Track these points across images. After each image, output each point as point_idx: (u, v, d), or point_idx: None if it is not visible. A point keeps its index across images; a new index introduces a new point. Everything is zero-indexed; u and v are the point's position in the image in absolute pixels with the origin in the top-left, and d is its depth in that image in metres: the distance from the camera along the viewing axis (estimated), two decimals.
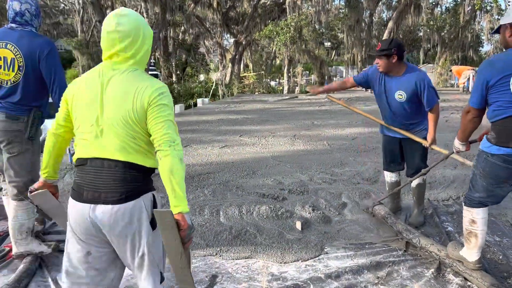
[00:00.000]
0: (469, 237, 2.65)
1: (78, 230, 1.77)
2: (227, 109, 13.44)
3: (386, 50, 3.38)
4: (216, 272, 2.90)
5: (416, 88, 3.40)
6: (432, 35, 27.60)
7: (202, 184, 4.93)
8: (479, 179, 2.56)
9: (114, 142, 1.71)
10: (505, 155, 2.36)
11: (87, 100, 1.75)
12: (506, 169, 2.39)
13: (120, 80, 1.74)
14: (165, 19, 22.82)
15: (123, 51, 1.75)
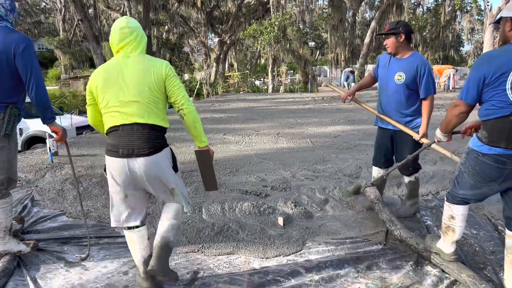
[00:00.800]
0: (446, 231, 2.70)
1: (118, 179, 2.45)
2: (211, 108, 13.41)
3: (394, 29, 3.52)
4: (198, 268, 2.90)
5: (416, 71, 3.44)
6: (414, 35, 28.00)
7: (185, 181, 4.91)
8: (466, 177, 2.52)
9: (140, 109, 2.34)
10: (496, 155, 2.33)
11: (112, 83, 2.35)
12: (497, 169, 2.35)
13: (137, 62, 2.38)
14: (149, 18, 22.65)
15: (134, 40, 2.40)
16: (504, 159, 2.30)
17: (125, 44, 2.38)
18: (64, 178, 5.07)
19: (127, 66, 2.36)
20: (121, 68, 2.36)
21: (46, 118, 2.99)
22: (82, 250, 3.22)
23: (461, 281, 2.60)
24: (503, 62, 2.24)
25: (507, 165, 2.31)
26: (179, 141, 7.62)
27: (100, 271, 2.90)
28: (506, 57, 2.24)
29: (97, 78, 2.39)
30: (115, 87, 2.33)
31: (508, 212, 2.46)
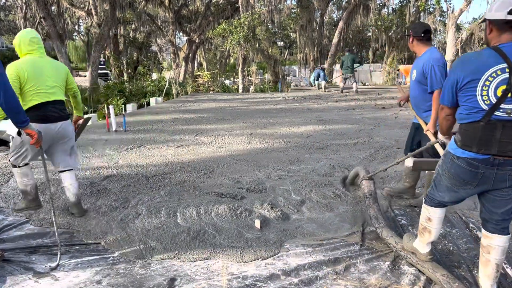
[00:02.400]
0: (423, 232, 2.73)
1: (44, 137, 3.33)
2: (181, 108, 13.23)
3: (406, 34, 3.91)
4: (174, 275, 2.83)
5: (422, 68, 3.65)
6: (380, 35, 28.55)
7: (158, 185, 4.81)
8: (444, 180, 2.53)
9: (59, 92, 3.68)
10: (469, 159, 2.32)
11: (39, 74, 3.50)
12: (470, 172, 2.34)
13: (50, 61, 3.70)
14: (115, 17, 22.13)
15: (41, 46, 3.63)
16: (476, 163, 2.30)
17: (34, 49, 3.55)
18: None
19: (46, 63, 3.60)
20: (43, 64, 3.56)
21: (19, 122, 2.89)
22: (51, 259, 3.08)
23: (435, 280, 2.65)
24: (475, 67, 2.24)
25: (479, 169, 2.30)
26: (150, 142, 7.46)
27: (71, 281, 2.78)
28: (479, 61, 2.24)
29: (27, 69, 3.42)
30: (44, 77, 3.52)
31: (485, 214, 2.48)
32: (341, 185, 4.65)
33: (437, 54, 3.70)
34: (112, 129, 8.98)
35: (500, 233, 2.43)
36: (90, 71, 21.55)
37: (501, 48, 2.19)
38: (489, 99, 2.19)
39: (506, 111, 2.17)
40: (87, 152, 6.72)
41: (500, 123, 2.19)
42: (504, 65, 2.15)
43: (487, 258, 2.47)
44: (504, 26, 2.20)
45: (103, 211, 4.00)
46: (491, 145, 2.22)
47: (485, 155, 2.26)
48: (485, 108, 2.21)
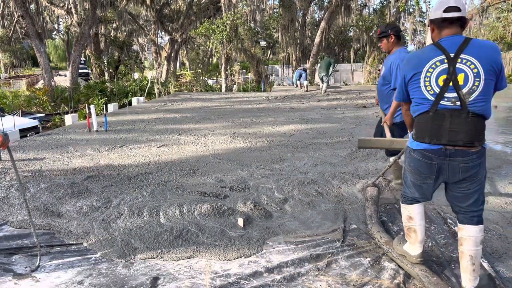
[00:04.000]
0: (409, 233, 2.76)
1: None
2: (164, 108, 13.15)
3: (384, 32, 4.03)
4: (157, 274, 2.83)
5: (390, 65, 3.92)
6: (361, 35, 28.86)
7: (140, 185, 4.79)
8: (408, 175, 2.61)
9: None
10: (423, 150, 2.41)
11: None
12: (425, 164, 2.43)
13: None
14: (96, 15, 21.83)
15: None
16: (430, 155, 2.39)
17: None
18: (9, 184, 4.77)
19: None
20: None
21: None
22: (32, 260, 3.04)
23: (414, 275, 2.71)
24: (417, 61, 2.40)
25: (433, 160, 2.39)
26: (132, 142, 7.41)
27: (53, 281, 2.75)
28: (421, 56, 2.40)
29: None
30: None
31: (453, 208, 2.56)
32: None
33: (405, 54, 3.93)
34: (93, 129, 8.88)
35: (469, 223, 2.48)
36: (70, 70, 21.22)
37: (440, 43, 2.35)
38: (432, 89, 2.32)
39: (450, 100, 2.28)
40: (67, 152, 6.63)
41: (448, 112, 2.29)
42: (442, 56, 2.30)
43: (461, 250, 2.51)
44: (442, 24, 2.36)
45: (85, 212, 3.96)
46: (442, 134, 2.32)
47: (437, 145, 2.35)
48: (430, 98, 2.34)
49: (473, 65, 2.25)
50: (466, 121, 2.26)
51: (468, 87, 2.25)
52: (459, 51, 2.27)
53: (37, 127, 11.88)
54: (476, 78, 2.24)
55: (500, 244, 3.21)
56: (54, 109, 17.80)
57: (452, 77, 2.26)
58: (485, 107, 2.28)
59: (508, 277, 2.74)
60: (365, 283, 2.69)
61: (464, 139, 2.28)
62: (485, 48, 2.28)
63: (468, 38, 2.32)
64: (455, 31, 2.35)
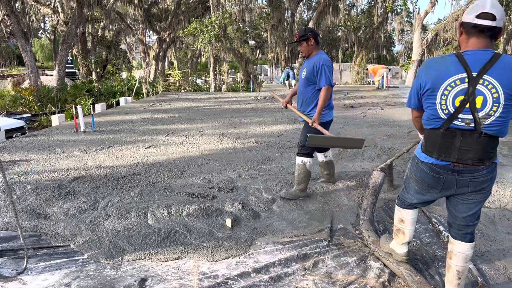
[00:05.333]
0: (397, 233, 2.79)
1: None
2: (152, 108, 13.10)
3: (304, 36, 4.09)
4: (145, 276, 2.84)
5: (313, 67, 4.03)
6: (349, 35, 29.08)
7: (128, 186, 4.78)
8: (411, 182, 2.54)
9: None
10: (431, 164, 2.32)
11: None
12: (433, 177, 2.34)
13: None
14: (83, 14, 21.62)
15: None
16: (437, 169, 2.30)
17: None
18: None
19: None
20: None
21: None
22: (18, 263, 3.02)
23: (398, 274, 2.76)
24: (436, 74, 2.18)
25: (441, 174, 2.30)
26: (119, 143, 7.37)
27: (40, 284, 2.74)
28: (441, 69, 2.18)
29: None
30: None
31: (449, 219, 2.51)
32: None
33: (326, 56, 4.13)
34: (81, 130, 8.82)
35: (461, 239, 2.43)
36: (57, 70, 20.99)
37: (464, 56, 2.13)
38: (447, 108, 2.16)
39: (464, 121, 2.13)
40: (54, 154, 6.58)
41: (460, 131, 2.16)
42: (464, 74, 2.10)
43: (449, 263, 2.49)
44: (472, 30, 2.12)
45: (72, 213, 3.95)
46: (451, 152, 2.20)
47: (445, 161, 2.25)
48: (443, 117, 2.18)
49: (494, 89, 2.06)
50: (477, 141, 2.14)
51: (484, 112, 2.09)
52: (483, 70, 2.07)
53: (23, 128, 11.75)
54: (495, 103, 2.07)
55: (483, 243, 3.28)
56: (41, 109, 17.60)
57: (470, 98, 2.09)
58: (501, 129, 2.15)
59: (490, 275, 2.81)
60: (351, 281, 2.74)
61: (473, 158, 2.17)
62: (510, 71, 2.06)
63: (496, 55, 2.09)
64: (484, 43, 2.11)
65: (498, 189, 4.48)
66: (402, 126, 8.57)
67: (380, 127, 8.70)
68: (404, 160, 5.65)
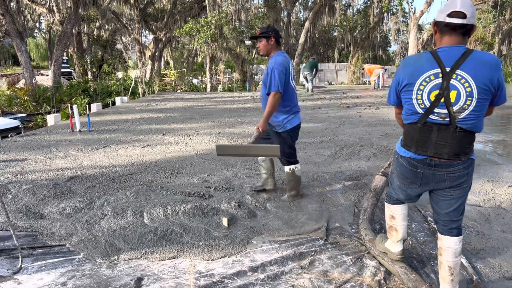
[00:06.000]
0: (390, 231, 2.81)
1: None
2: (148, 108, 13.07)
3: (265, 33, 3.87)
4: (141, 275, 2.83)
5: (267, 70, 3.82)
6: (345, 35, 29.15)
7: (124, 185, 4.77)
8: (394, 178, 2.60)
9: None
10: (410, 158, 2.38)
11: None
12: (411, 171, 2.40)
13: None
14: (78, 14, 21.56)
15: None
16: (415, 163, 2.36)
17: None
18: None
19: None
20: None
21: None
22: (14, 262, 3.01)
23: (394, 272, 2.77)
24: (412, 71, 2.26)
25: (419, 168, 2.35)
26: (115, 143, 7.36)
27: (35, 283, 2.74)
28: (416, 65, 2.26)
29: None
30: None
31: (434, 215, 2.54)
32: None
33: (281, 58, 3.82)
34: (76, 129, 8.79)
35: (448, 234, 2.46)
36: (52, 69, 20.91)
37: (438, 52, 2.20)
38: (423, 103, 2.23)
39: (440, 115, 2.20)
40: (50, 153, 6.56)
41: (436, 126, 2.22)
42: (438, 70, 2.17)
43: (440, 260, 2.51)
44: (444, 28, 2.19)
45: (68, 213, 3.94)
46: (428, 146, 2.27)
47: (422, 155, 2.31)
48: (420, 111, 2.25)
49: (467, 83, 2.13)
50: (453, 136, 2.21)
51: (459, 106, 2.15)
52: (456, 65, 2.14)
53: (19, 128, 11.70)
54: (468, 97, 2.13)
55: (478, 241, 3.30)
56: (36, 109, 17.53)
57: (445, 93, 2.16)
58: (475, 124, 2.20)
59: (485, 273, 2.83)
60: (347, 280, 2.75)
61: (449, 153, 2.24)
62: (483, 65, 2.13)
63: (468, 50, 2.17)
64: (456, 40, 2.18)
65: (493, 188, 4.50)
66: (398, 126, 8.58)
67: (376, 126, 8.73)
68: None
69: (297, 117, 4.00)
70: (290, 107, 3.91)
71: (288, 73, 3.81)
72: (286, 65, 3.79)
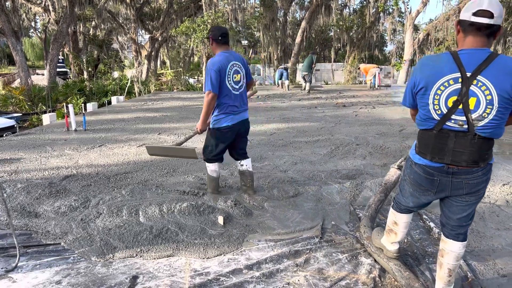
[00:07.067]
0: (389, 233, 2.79)
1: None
2: (144, 107, 13.05)
3: (207, 36, 3.86)
4: (137, 273, 2.83)
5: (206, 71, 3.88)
6: (341, 35, 29.19)
7: (119, 184, 4.76)
8: (406, 185, 2.49)
9: None
10: (425, 166, 2.27)
11: None
12: (426, 180, 2.29)
13: None
14: (74, 13, 21.48)
15: None
16: (431, 171, 2.25)
17: None
18: None
19: None
20: None
21: None
22: (8, 261, 3.00)
23: (388, 269, 2.78)
24: (430, 73, 2.12)
25: (435, 176, 2.25)
26: (111, 142, 7.34)
27: (30, 282, 2.73)
28: (435, 67, 2.12)
29: None
30: None
31: (443, 219, 2.46)
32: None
33: (217, 58, 3.85)
34: (72, 129, 8.76)
35: (454, 239, 2.41)
36: (48, 69, 20.83)
37: (459, 55, 2.06)
38: (440, 109, 2.10)
39: (457, 123, 2.08)
40: (45, 152, 6.53)
41: (453, 133, 2.11)
42: (458, 74, 2.03)
43: (441, 261, 2.49)
44: (468, 28, 2.06)
45: (63, 211, 3.92)
46: (444, 154, 2.15)
47: (439, 163, 2.21)
48: (436, 118, 2.13)
49: (487, 90, 1.99)
50: (471, 143, 2.08)
51: (478, 113, 2.03)
52: (478, 70, 2.00)
53: (14, 127, 11.64)
54: (488, 106, 2.00)
55: (473, 239, 3.31)
56: (32, 108, 17.45)
57: (463, 99, 2.03)
58: (495, 132, 2.08)
59: (480, 270, 2.84)
60: (342, 277, 2.75)
61: (468, 160, 2.12)
62: (507, 72, 1.98)
63: (493, 54, 2.01)
64: (481, 42, 2.04)
65: (488, 186, 4.52)
66: (394, 125, 8.62)
67: (372, 125, 8.74)
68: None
69: (231, 119, 3.98)
70: (222, 106, 3.93)
71: (223, 73, 3.84)
72: (220, 65, 3.81)
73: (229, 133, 4.03)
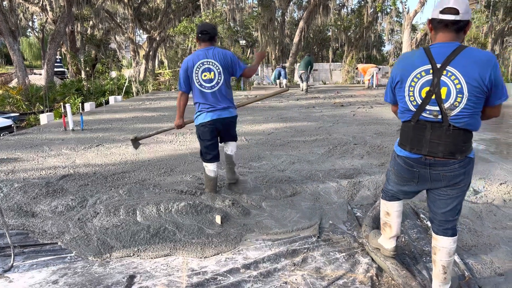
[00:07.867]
0: (384, 227, 2.81)
1: None
2: (141, 107, 13.03)
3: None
4: (134, 272, 2.82)
5: None
6: (339, 35, 29.23)
7: (117, 183, 4.75)
8: (391, 175, 2.60)
9: None
10: (405, 157, 2.37)
11: None
12: (408, 171, 2.39)
13: None
14: (71, 13, 21.44)
15: None
16: (411, 162, 2.34)
17: None
18: None
19: None
20: None
21: None
22: (4, 260, 2.99)
23: (385, 268, 2.78)
24: (404, 66, 2.26)
25: (414, 168, 2.34)
26: (108, 141, 7.32)
27: (26, 281, 2.71)
28: (409, 61, 2.26)
29: None
30: None
31: (430, 214, 2.53)
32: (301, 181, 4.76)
33: (188, 57, 3.98)
34: (69, 128, 8.74)
35: (443, 235, 2.44)
36: (45, 69, 20.78)
37: (430, 49, 2.19)
38: (415, 99, 2.22)
39: (432, 113, 2.18)
40: (42, 152, 6.52)
41: (429, 124, 2.21)
42: (429, 66, 2.16)
43: (434, 258, 2.51)
44: (438, 25, 2.20)
45: (60, 211, 3.91)
46: (422, 145, 2.25)
47: (417, 154, 2.30)
48: (412, 109, 2.25)
49: (457, 80, 2.10)
50: (446, 134, 2.18)
51: (449, 103, 2.13)
52: (446, 62, 2.12)
53: (11, 127, 11.61)
54: (458, 94, 2.10)
55: (470, 238, 3.32)
56: (29, 108, 17.41)
57: (435, 89, 2.14)
58: (469, 122, 2.16)
59: (477, 269, 2.84)
60: (340, 276, 2.75)
61: (444, 151, 2.21)
62: (473, 62, 2.09)
63: (461, 47, 2.14)
64: (450, 37, 2.17)
65: (485, 185, 4.53)
66: (391, 124, 8.63)
67: (370, 125, 8.75)
68: None
69: (204, 116, 4.08)
70: (197, 104, 4.11)
71: (190, 72, 3.94)
72: (188, 64, 3.93)
73: (206, 130, 4.12)
